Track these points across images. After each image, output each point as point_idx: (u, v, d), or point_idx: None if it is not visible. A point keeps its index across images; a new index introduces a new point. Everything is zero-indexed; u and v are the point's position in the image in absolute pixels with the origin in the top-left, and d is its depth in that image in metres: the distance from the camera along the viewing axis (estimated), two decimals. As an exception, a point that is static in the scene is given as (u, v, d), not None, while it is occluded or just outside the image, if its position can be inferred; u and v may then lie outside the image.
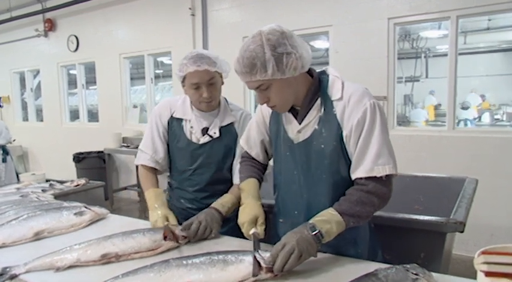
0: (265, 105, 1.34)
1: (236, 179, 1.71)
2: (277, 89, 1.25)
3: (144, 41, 5.82)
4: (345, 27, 4.19)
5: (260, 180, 1.54)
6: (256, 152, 1.57)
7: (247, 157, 1.60)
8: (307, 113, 1.32)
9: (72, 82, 7.41)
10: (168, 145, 1.84)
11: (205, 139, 1.76)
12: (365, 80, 4.00)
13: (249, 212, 1.36)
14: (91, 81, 6.99)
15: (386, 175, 1.24)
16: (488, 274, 0.84)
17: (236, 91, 4.92)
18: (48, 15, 6.91)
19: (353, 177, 1.28)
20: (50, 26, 6.94)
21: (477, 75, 9.21)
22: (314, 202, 1.35)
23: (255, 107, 5.34)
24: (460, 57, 3.78)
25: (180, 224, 1.57)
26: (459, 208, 1.77)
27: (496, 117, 8.92)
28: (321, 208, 1.28)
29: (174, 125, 1.81)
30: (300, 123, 1.34)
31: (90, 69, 6.86)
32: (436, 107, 9.23)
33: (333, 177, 1.32)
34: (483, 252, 0.86)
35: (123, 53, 6.15)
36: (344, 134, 1.27)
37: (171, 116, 1.81)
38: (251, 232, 1.31)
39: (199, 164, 1.78)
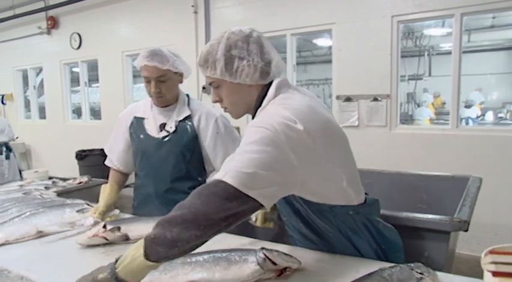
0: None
1: None
2: (227, 91, 1.22)
3: (147, 39, 5.80)
4: (348, 25, 4.17)
5: None
6: None
7: None
8: None
9: (74, 80, 7.41)
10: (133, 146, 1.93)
11: (162, 134, 1.82)
12: (368, 78, 3.99)
13: None
14: (94, 78, 6.99)
15: None
16: (495, 274, 0.83)
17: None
18: (51, 12, 6.90)
19: None
20: (53, 23, 6.93)
21: (481, 73, 9.17)
22: None
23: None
24: (464, 55, 3.75)
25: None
26: (463, 207, 1.76)
27: (499, 115, 8.89)
28: None
29: (134, 125, 1.90)
30: None
31: (92, 67, 6.86)
32: (434, 105, 9.24)
33: None
34: (491, 252, 0.85)
35: (125, 50, 6.14)
36: None
37: (133, 117, 1.93)
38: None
39: (158, 159, 1.82)
